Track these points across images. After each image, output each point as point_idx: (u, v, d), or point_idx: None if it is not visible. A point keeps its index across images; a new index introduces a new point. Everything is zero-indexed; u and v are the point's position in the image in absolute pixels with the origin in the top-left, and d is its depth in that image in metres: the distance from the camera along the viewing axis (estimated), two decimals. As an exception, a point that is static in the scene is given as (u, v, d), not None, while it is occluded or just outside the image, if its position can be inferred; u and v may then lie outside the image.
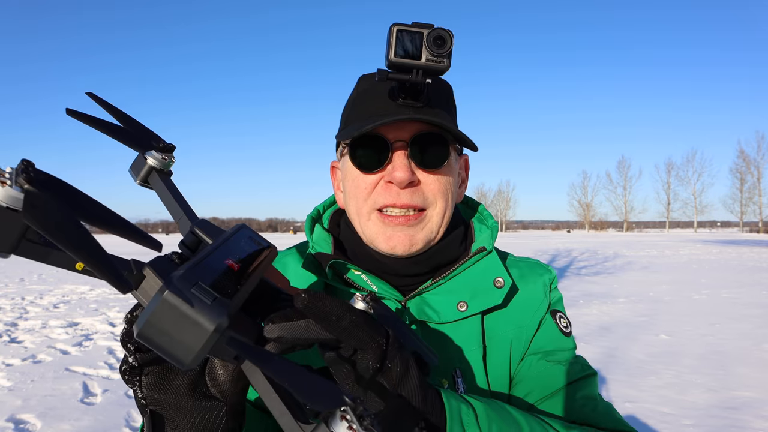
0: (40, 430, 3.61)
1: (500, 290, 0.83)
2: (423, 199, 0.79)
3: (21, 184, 0.35)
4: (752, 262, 18.27)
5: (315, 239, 0.87)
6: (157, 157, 0.58)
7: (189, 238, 0.51)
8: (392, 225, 0.79)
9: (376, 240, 0.80)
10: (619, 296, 9.82)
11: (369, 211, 0.80)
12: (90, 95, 0.58)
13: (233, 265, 0.47)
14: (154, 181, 0.59)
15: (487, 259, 0.86)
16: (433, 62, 0.67)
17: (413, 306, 0.82)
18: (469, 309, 0.81)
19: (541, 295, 0.90)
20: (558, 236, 66.21)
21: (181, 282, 0.39)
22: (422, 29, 0.67)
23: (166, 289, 0.38)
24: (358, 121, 0.80)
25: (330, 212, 0.95)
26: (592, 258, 20.70)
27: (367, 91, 0.82)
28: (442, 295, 0.82)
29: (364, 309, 0.64)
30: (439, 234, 0.82)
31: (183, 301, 0.38)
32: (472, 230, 0.90)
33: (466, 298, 0.82)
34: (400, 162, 0.76)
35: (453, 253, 0.85)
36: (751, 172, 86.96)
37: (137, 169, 0.60)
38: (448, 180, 0.81)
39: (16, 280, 13.61)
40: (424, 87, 0.74)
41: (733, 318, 7.46)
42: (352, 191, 0.82)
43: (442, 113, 0.79)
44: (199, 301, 0.38)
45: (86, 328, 7.19)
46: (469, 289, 0.83)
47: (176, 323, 0.38)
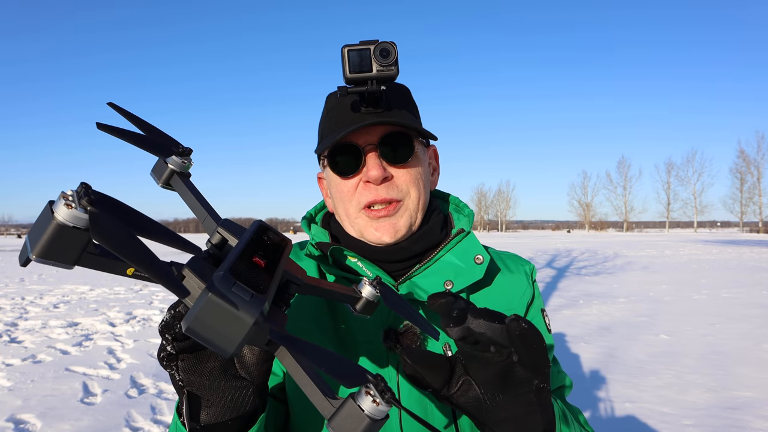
0: (40, 430, 3.61)
1: (480, 266, 0.91)
2: (398, 192, 0.88)
3: (84, 206, 0.40)
4: (752, 262, 18.28)
5: (313, 233, 0.98)
6: (177, 162, 0.64)
7: (216, 238, 0.57)
8: (376, 218, 0.88)
9: (365, 232, 0.90)
10: (619, 296, 9.82)
11: (356, 211, 0.90)
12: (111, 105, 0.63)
13: (260, 262, 0.54)
14: (176, 184, 0.65)
15: (466, 240, 0.94)
16: (383, 71, 0.78)
17: (404, 289, 0.90)
18: (455, 286, 0.89)
19: (525, 282, 0.99)
20: (558, 236, 66.23)
21: (222, 283, 0.45)
22: (369, 45, 0.78)
23: (210, 291, 0.44)
24: (330, 133, 0.90)
25: (321, 215, 1.05)
26: (592, 258, 20.70)
27: (334, 107, 0.92)
28: (429, 277, 0.90)
29: (371, 292, 0.72)
30: (418, 219, 0.92)
31: (226, 300, 0.44)
32: (451, 219, 1.01)
33: (451, 276, 0.90)
34: (373, 162, 0.86)
35: (435, 238, 0.94)
36: (751, 172, 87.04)
37: (159, 172, 0.66)
38: (417, 171, 0.91)
39: (16, 280, 13.62)
40: (381, 94, 0.84)
41: (733, 318, 7.46)
42: (338, 195, 0.92)
43: (402, 113, 0.89)
44: (239, 299, 0.45)
45: (86, 328, 7.20)
46: (453, 268, 0.91)
47: (220, 319, 0.44)
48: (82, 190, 0.41)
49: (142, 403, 4.11)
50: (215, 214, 0.62)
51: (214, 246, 0.57)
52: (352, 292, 0.73)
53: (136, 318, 7.96)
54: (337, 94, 0.82)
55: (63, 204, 0.39)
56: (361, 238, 0.92)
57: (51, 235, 0.39)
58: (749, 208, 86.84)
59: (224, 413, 0.60)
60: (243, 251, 0.53)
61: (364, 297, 0.72)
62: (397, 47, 0.78)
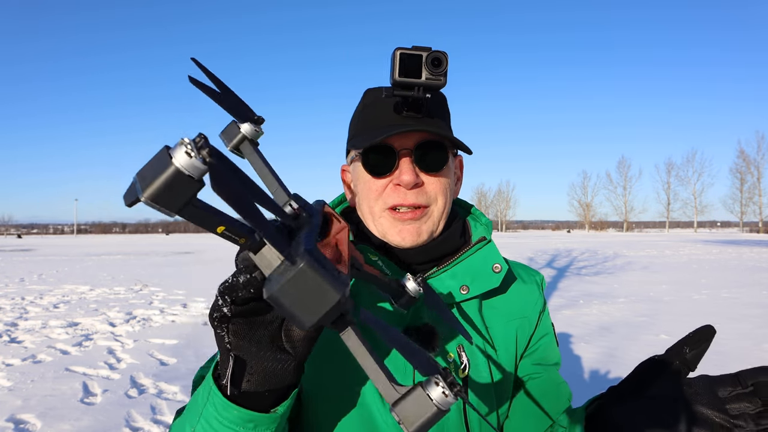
0: (40, 430, 3.61)
1: (498, 275, 0.94)
2: (426, 198, 0.90)
3: (204, 157, 0.39)
4: (752, 262, 18.28)
5: None
6: (250, 129, 0.64)
7: (288, 209, 0.57)
8: (401, 221, 0.90)
9: (388, 234, 0.91)
10: (619, 296, 9.82)
11: (381, 210, 0.91)
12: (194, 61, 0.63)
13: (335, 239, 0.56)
14: (246, 150, 0.65)
15: (486, 248, 0.97)
16: (432, 80, 0.78)
17: None
18: (471, 292, 0.92)
19: (537, 292, 1.03)
20: (558, 236, 66.24)
21: (315, 257, 0.45)
22: (421, 52, 0.78)
23: (304, 260, 0.44)
24: (366, 131, 0.92)
25: (340, 210, 1.05)
26: (592, 258, 20.71)
27: (373, 104, 0.93)
28: (446, 281, 0.93)
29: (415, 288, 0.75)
30: (440, 227, 0.94)
31: (319, 273, 0.44)
32: (468, 226, 1.04)
33: (467, 282, 0.93)
34: (407, 167, 0.88)
35: (454, 244, 0.97)
36: (751, 172, 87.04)
37: (230, 135, 0.65)
38: (447, 180, 0.93)
39: (16, 280, 13.62)
40: (424, 101, 0.85)
41: (733, 318, 7.47)
42: (365, 193, 0.93)
43: (439, 122, 0.92)
44: (330, 274, 0.44)
45: (86, 328, 7.20)
46: (470, 274, 0.94)
47: (307, 292, 0.44)
48: (201, 140, 0.41)
49: (142, 403, 4.12)
50: (285, 187, 0.62)
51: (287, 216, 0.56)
52: (397, 284, 0.75)
53: (136, 318, 7.96)
54: (382, 94, 0.82)
55: (183, 151, 0.38)
56: (382, 238, 0.93)
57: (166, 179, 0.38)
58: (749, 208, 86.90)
59: (264, 383, 0.61)
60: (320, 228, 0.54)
61: (408, 291, 0.75)
62: (448, 58, 0.78)
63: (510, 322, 0.96)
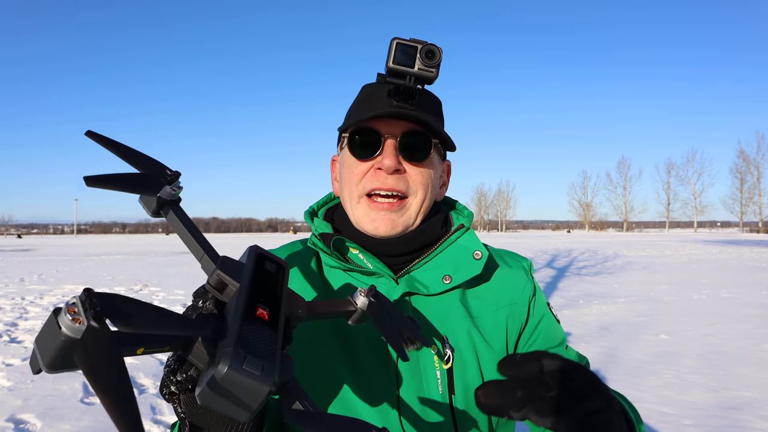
0: (40, 430, 3.61)
1: (479, 261, 0.94)
2: (406, 187, 0.91)
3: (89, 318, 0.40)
4: (752, 262, 18.27)
5: (317, 225, 0.99)
6: (167, 192, 0.63)
7: (214, 280, 0.57)
8: (377, 209, 0.91)
9: (363, 222, 0.93)
10: (619, 296, 9.82)
11: (359, 195, 0.92)
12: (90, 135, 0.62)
13: (263, 314, 0.54)
14: (166, 214, 0.64)
15: (465, 235, 0.97)
16: (423, 71, 0.80)
17: (404, 282, 0.92)
18: (453, 281, 0.92)
19: (524, 277, 1.02)
20: (558, 236, 66.21)
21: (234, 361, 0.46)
22: (417, 44, 0.80)
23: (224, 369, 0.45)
24: (358, 116, 0.93)
25: (324, 209, 1.06)
26: (592, 258, 20.70)
27: (368, 95, 0.96)
28: (428, 271, 0.93)
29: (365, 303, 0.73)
30: (417, 221, 0.95)
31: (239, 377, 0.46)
32: (451, 218, 1.03)
33: (449, 271, 0.93)
34: (390, 152, 0.89)
35: (435, 234, 0.97)
36: (751, 172, 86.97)
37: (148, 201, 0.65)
38: (429, 174, 0.94)
39: (16, 280, 13.61)
40: (416, 92, 0.86)
41: (733, 318, 7.46)
42: (347, 177, 0.95)
43: (430, 116, 0.92)
44: (251, 375, 0.46)
45: (86, 328, 7.19)
46: (452, 263, 0.94)
47: (233, 394, 0.46)
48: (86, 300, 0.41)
49: (142, 403, 4.11)
50: (212, 252, 0.61)
51: (213, 288, 0.57)
52: (348, 305, 0.73)
53: (136, 318, 7.95)
54: (376, 80, 0.85)
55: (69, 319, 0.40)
56: (357, 227, 0.94)
57: (60, 349, 0.40)
58: (749, 208, 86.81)
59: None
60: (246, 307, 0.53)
61: (359, 308, 0.73)
62: (442, 53, 0.80)
63: (498, 310, 0.96)
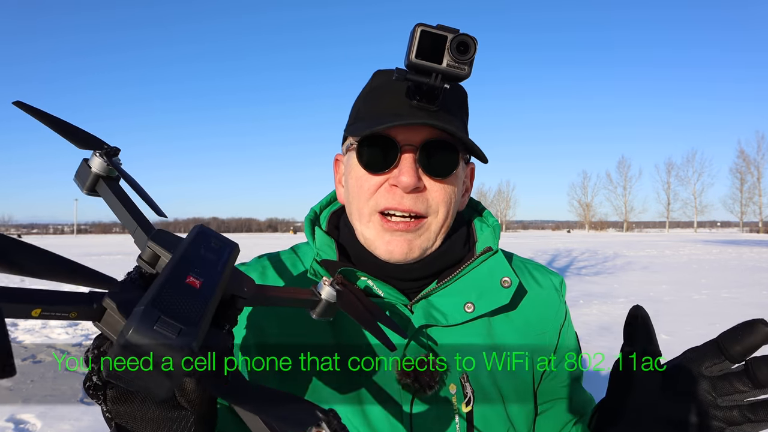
0: (40, 430, 3.61)
1: (507, 290, 0.81)
2: (426, 207, 0.77)
3: None
4: (752, 262, 18.26)
5: (319, 245, 0.85)
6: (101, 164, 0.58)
7: (147, 253, 0.50)
8: (391, 230, 0.77)
9: (375, 244, 0.79)
10: (619, 296, 9.82)
11: (370, 213, 0.79)
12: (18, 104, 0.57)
13: (194, 282, 0.45)
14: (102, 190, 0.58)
15: (493, 259, 0.84)
16: (454, 68, 0.65)
17: (419, 309, 0.81)
18: (477, 310, 0.80)
19: (556, 299, 0.89)
20: (558, 236, 66.19)
21: (143, 320, 0.38)
22: (447, 33, 0.65)
23: (130, 329, 0.38)
24: (369, 117, 0.79)
25: (327, 213, 0.93)
26: (592, 258, 20.69)
27: (381, 86, 0.80)
28: (448, 297, 0.81)
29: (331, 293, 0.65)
30: (437, 242, 0.81)
31: (146, 341, 0.38)
32: (474, 230, 0.89)
33: (472, 299, 0.80)
34: (408, 166, 0.74)
35: (457, 255, 0.84)
36: (751, 172, 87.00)
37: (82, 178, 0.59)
38: (453, 189, 0.80)
39: (16, 280, 13.60)
40: (441, 92, 0.72)
41: (733, 318, 7.44)
42: (355, 191, 0.80)
43: (455, 121, 0.78)
44: (163, 337, 0.38)
45: (86, 328, 7.19)
46: (476, 289, 0.81)
47: (140, 364, 0.38)
48: None
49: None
50: (147, 224, 0.55)
51: (144, 262, 0.50)
52: (311, 295, 0.65)
53: (136, 318, 7.96)
54: (393, 76, 0.69)
55: None
56: (367, 247, 0.81)
57: None
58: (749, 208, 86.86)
59: None
60: (173, 272, 0.45)
61: (323, 299, 0.65)
62: (477, 45, 0.64)
63: (525, 340, 0.84)
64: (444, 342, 0.80)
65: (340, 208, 0.93)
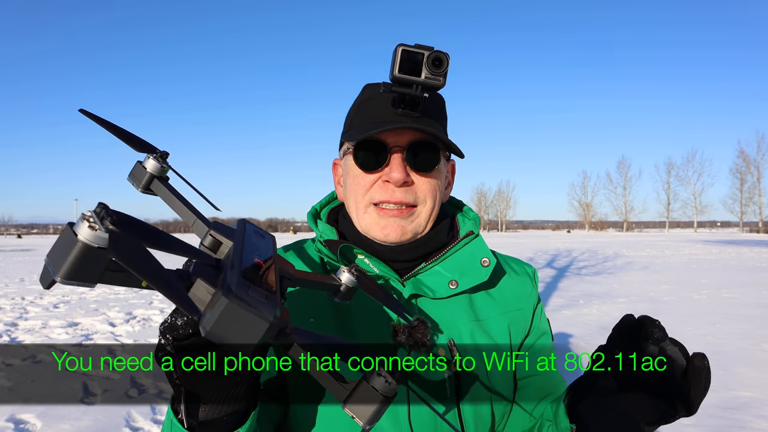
0: (40, 430, 3.61)
1: (486, 269, 0.94)
2: (414, 198, 0.91)
3: (107, 226, 0.41)
4: (752, 262, 18.28)
5: (321, 230, 0.98)
6: (155, 165, 0.65)
7: (208, 240, 0.59)
8: (386, 216, 0.90)
9: (372, 229, 0.92)
10: (619, 296, 9.83)
11: (366, 205, 0.91)
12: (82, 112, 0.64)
13: (260, 262, 0.56)
14: (157, 188, 0.65)
15: (474, 242, 0.97)
16: (431, 80, 0.78)
17: (410, 285, 0.92)
18: (460, 286, 0.92)
19: (530, 284, 1.03)
20: (558, 236, 66.23)
21: (239, 288, 0.47)
22: (423, 50, 0.77)
23: (228, 296, 0.46)
24: (362, 125, 0.92)
25: (327, 210, 1.04)
26: (592, 258, 20.71)
27: (371, 99, 0.93)
28: (434, 276, 0.93)
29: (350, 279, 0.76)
30: (427, 228, 0.94)
31: (245, 304, 0.46)
32: (457, 222, 1.03)
33: (456, 276, 0.93)
34: (397, 164, 0.88)
35: (442, 240, 0.97)
36: (751, 172, 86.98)
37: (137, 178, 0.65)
38: (437, 182, 0.93)
39: (16, 280, 13.62)
40: (422, 100, 0.84)
41: (733, 318, 7.47)
42: (353, 187, 0.93)
43: (435, 123, 0.91)
44: (257, 301, 0.47)
45: (86, 328, 7.20)
46: (459, 268, 0.94)
47: (239, 322, 0.46)
48: (101, 210, 0.42)
49: (142, 403, 4.12)
50: (203, 217, 0.63)
51: (207, 248, 0.59)
52: (332, 280, 0.76)
53: (136, 318, 7.97)
54: (380, 89, 0.82)
55: (86, 225, 0.40)
56: (366, 234, 0.93)
57: (75, 256, 0.39)
58: (749, 208, 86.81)
59: (219, 410, 0.63)
60: (244, 254, 0.55)
61: (343, 284, 0.75)
62: (449, 59, 0.78)
63: (503, 314, 0.96)
64: (431, 311, 0.92)
65: (338, 206, 1.05)
